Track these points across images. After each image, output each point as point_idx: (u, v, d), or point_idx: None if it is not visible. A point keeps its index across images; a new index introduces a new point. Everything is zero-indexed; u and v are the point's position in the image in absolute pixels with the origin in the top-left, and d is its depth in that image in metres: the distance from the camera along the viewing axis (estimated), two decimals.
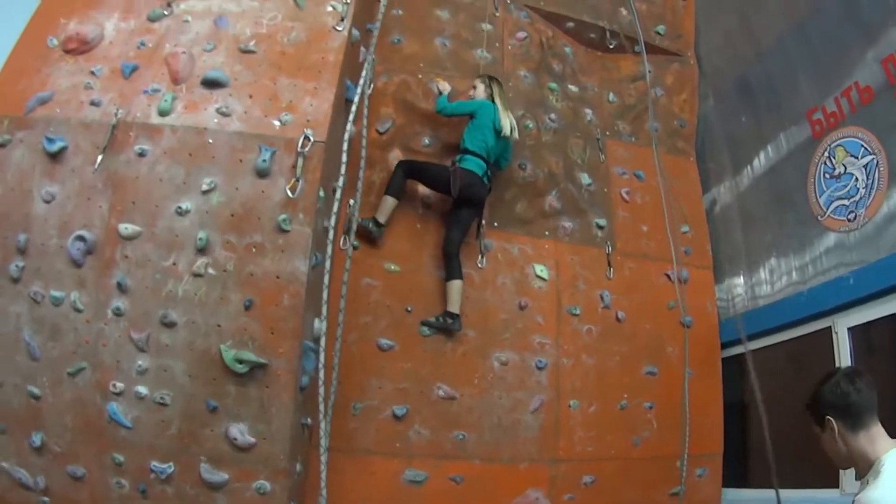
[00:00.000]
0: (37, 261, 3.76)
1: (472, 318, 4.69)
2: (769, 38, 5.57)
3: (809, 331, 4.59)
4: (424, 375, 4.48)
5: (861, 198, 4.33)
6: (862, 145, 4.39)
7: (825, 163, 4.68)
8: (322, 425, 3.64)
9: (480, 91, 4.88)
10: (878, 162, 4.25)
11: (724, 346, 5.32)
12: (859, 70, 4.51)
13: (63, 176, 3.83)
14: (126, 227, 3.71)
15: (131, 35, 4.14)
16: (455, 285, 4.51)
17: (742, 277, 5.41)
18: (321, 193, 3.76)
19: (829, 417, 2.04)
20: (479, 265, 4.85)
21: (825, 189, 4.65)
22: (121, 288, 3.68)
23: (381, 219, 4.53)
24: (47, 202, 3.80)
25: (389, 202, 4.55)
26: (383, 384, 4.39)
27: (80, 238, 3.73)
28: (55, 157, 3.83)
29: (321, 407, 3.61)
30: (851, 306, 4.23)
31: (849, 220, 4.39)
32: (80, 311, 3.69)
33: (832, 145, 4.64)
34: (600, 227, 5.31)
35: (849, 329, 4.25)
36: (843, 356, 4.26)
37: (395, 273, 4.62)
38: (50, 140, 3.83)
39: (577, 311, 4.96)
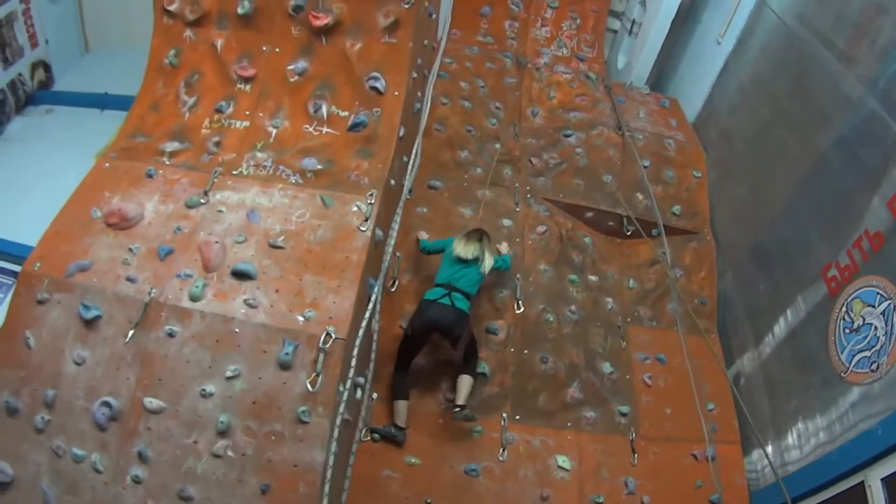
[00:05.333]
0: (62, 417, 3.99)
1: None
2: (779, 202, 5.63)
3: (843, 489, 4.30)
4: None
5: (882, 346, 4.19)
6: (878, 293, 4.31)
7: (843, 318, 4.60)
8: None
9: None
10: (894, 306, 4.16)
11: None
12: (867, 217, 4.49)
13: (95, 343, 4.09)
14: (151, 402, 3.95)
15: (169, 218, 4.44)
16: (466, 380, 4.73)
17: (770, 446, 5.16)
18: (341, 388, 3.97)
19: None
20: (501, 458, 4.83)
21: (846, 344, 4.53)
22: (141, 457, 3.89)
23: (401, 422, 4.73)
24: (78, 364, 4.05)
25: (401, 406, 4.76)
26: None
27: (106, 404, 3.97)
28: (89, 323, 4.10)
29: None
30: (882, 457, 3.99)
31: (872, 371, 4.24)
32: (99, 472, 3.91)
33: (849, 300, 4.57)
34: (623, 415, 5.28)
35: (882, 480, 3.97)
36: None
37: (415, 466, 4.68)
38: (86, 307, 4.11)
39: (601, 499, 4.85)
